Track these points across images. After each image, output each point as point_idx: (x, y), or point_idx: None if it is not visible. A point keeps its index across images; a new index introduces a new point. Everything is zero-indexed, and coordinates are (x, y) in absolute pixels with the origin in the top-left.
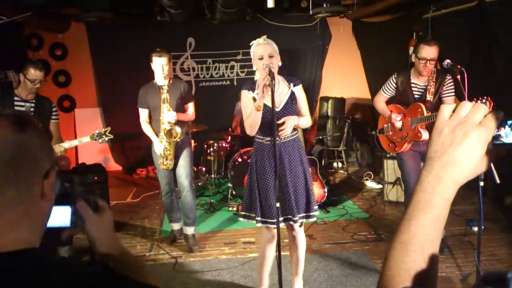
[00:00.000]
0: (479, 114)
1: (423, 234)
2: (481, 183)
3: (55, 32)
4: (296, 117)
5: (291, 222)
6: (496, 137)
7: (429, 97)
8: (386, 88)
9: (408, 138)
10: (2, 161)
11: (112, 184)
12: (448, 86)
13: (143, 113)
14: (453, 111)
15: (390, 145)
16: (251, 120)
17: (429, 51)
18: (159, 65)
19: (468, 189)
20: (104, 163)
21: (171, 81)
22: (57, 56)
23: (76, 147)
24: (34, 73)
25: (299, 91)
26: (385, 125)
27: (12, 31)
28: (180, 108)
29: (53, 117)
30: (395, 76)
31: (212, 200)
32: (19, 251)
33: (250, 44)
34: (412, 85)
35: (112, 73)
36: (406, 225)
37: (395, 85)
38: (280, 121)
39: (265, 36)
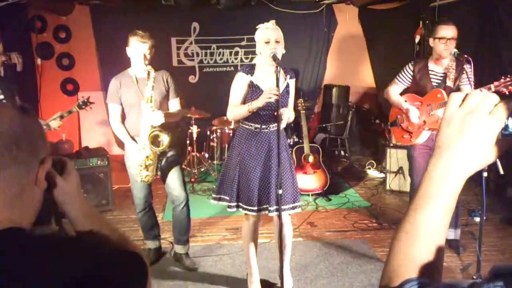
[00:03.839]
0: (489, 104)
1: (429, 225)
2: (485, 174)
3: (59, 14)
4: (290, 111)
5: (266, 212)
6: (506, 128)
7: (449, 83)
8: (402, 77)
9: (426, 126)
10: (8, 138)
11: (115, 168)
12: (468, 74)
13: (115, 111)
14: (463, 100)
15: (405, 136)
16: (238, 115)
17: (448, 30)
18: (140, 52)
19: (470, 180)
20: (107, 147)
21: (150, 73)
22: (61, 39)
23: (79, 131)
24: None
25: (292, 85)
26: (398, 116)
27: (15, 13)
28: (162, 105)
29: (17, 95)
30: (412, 63)
31: (214, 186)
32: (9, 229)
33: (257, 27)
34: (430, 72)
35: (115, 56)
36: (412, 216)
37: (411, 73)
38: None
39: (273, 21)
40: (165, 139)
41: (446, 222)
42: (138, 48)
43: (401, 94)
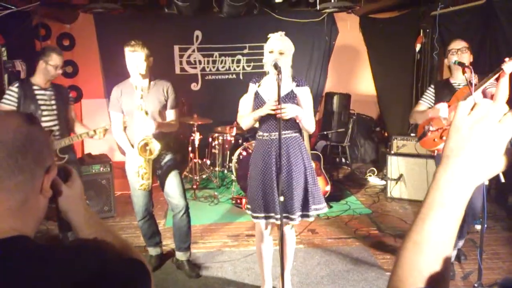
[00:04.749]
0: (498, 113)
1: (437, 235)
2: (486, 182)
3: (63, 22)
4: (300, 109)
5: (273, 220)
6: None
7: (474, 82)
8: (424, 97)
9: None
10: (13, 147)
11: (117, 175)
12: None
13: (117, 119)
14: (472, 109)
15: (436, 140)
16: (246, 124)
17: (455, 43)
18: (132, 62)
19: None
20: (110, 154)
21: (151, 82)
22: (65, 47)
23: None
24: (56, 58)
25: (302, 92)
26: (425, 127)
27: (20, 21)
28: (160, 115)
29: (70, 102)
30: (432, 83)
31: (216, 193)
32: (13, 237)
33: (268, 36)
34: (453, 83)
35: (119, 64)
36: (420, 225)
37: (433, 91)
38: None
39: (282, 32)
40: (155, 146)
41: (454, 231)
42: (129, 57)
43: None
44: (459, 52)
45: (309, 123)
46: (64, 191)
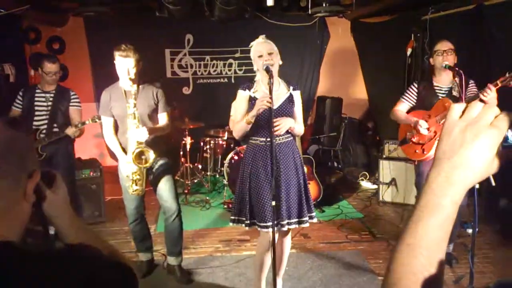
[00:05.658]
0: (490, 115)
1: (431, 238)
2: (477, 186)
3: (53, 26)
4: (293, 120)
5: (279, 227)
6: (506, 139)
7: (455, 93)
8: (407, 96)
9: (438, 136)
10: None
11: (107, 179)
12: (471, 87)
13: (107, 123)
14: (464, 111)
15: (417, 151)
16: (239, 130)
17: (442, 44)
18: (123, 67)
19: None
20: (100, 158)
21: (139, 86)
22: (55, 50)
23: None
24: (49, 66)
25: (297, 96)
26: (407, 133)
27: (10, 24)
28: (151, 119)
29: (72, 104)
30: (416, 82)
31: (207, 197)
32: None
33: (250, 45)
34: (436, 87)
35: (109, 68)
36: (413, 228)
37: (416, 91)
38: (275, 120)
39: (263, 35)
40: (150, 156)
41: (447, 233)
42: (120, 62)
43: (408, 112)
44: (445, 53)
45: (299, 129)
46: (49, 196)
